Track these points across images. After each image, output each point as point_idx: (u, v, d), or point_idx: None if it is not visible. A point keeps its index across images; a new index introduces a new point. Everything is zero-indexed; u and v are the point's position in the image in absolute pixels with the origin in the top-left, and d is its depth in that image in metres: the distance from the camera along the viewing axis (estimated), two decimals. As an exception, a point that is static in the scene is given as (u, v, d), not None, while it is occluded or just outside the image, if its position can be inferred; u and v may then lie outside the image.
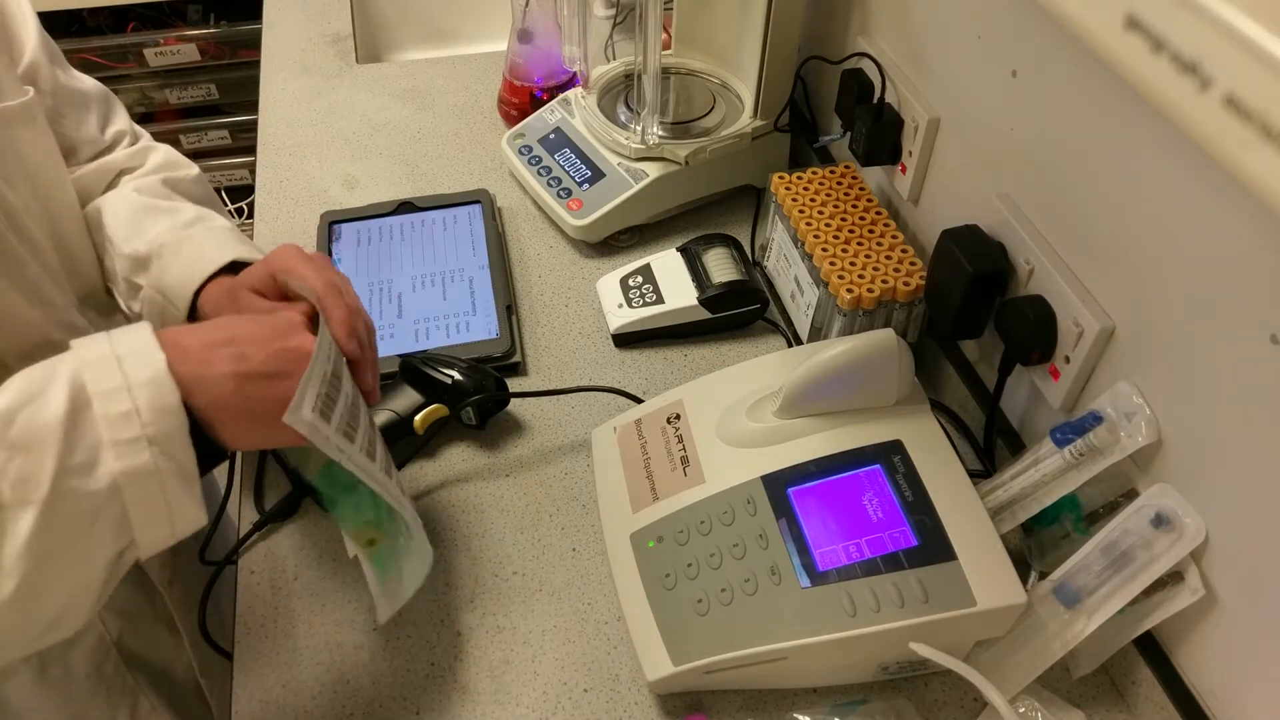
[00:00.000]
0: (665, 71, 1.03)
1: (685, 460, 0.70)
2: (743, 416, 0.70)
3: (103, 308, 0.75)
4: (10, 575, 0.45)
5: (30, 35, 0.70)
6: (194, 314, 0.68)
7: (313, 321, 0.59)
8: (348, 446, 0.55)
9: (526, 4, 1.05)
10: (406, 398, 0.78)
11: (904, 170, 0.85)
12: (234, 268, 0.68)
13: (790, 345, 0.90)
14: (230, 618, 0.71)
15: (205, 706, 0.85)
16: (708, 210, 1.04)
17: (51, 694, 0.69)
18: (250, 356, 0.53)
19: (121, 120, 0.79)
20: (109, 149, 0.77)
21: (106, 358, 0.49)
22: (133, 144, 0.79)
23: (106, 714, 0.75)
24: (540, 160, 1.01)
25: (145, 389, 0.48)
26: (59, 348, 0.64)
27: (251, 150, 1.62)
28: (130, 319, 0.75)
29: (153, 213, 0.72)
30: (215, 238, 0.70)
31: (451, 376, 0.78)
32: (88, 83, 0.77)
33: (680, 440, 0.71)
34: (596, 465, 0.76)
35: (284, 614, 0.70)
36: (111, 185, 0.77)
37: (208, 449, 0.52)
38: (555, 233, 1.01)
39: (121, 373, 0.48)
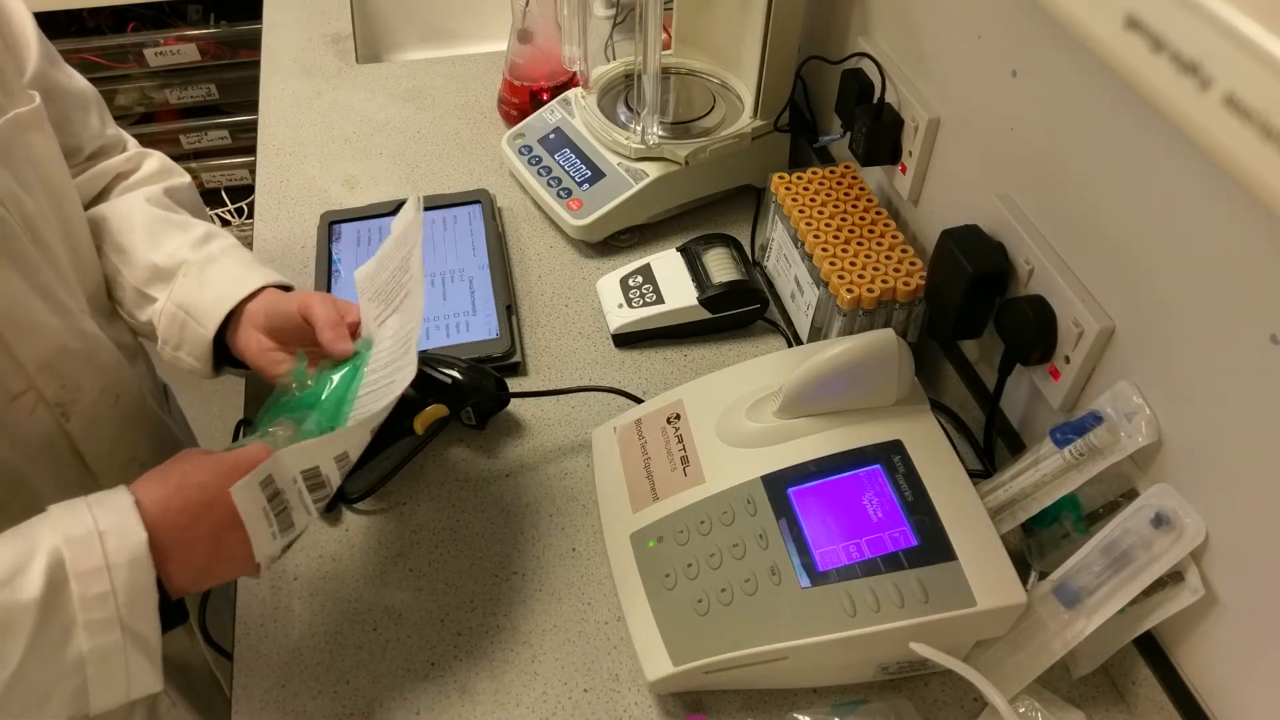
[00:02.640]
0: (665, 71, 1.03)
1: (685, 460, 0.70)
2: (743, 416, 0.70)
3: (106, 312, 0.76)
4: None
5: (33, 40, 0.71)
6: (222, 332, 0.71)
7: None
8: (315, 511, 0.58)
9: (526, 4, 1.05)
10: (406, 398, 0.78)
11: (904, 170, 0.85)
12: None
13: (790, 345, 0.90)
14: (230, 618, 0.71)
15: (224, 699, 0.85)
16: (708, 210, 1.04)
17: None
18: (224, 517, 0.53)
19: (112, 124, 0.81)
20: (105, 151, 0.78)
21: (89, 535, 0.49)
22: (123, 148, 0.81)
23: (124, 711, 0.75)
24: (540, 160, 1.01)
25: (124, 570, 0.49)
26: (75, 357, 0.66)
27: (251, 150, 1.62)
28: (132, 325, 0.77)
29: (166, 225, 0.75)
30: (238, 261, 0.74)
31: (451, 376, 0.78)
32: (81, 81, 0.78)
33: (680, 440, 0.71)
34: (596, 465, 0.76)
35: (284, 614, 0.70)
36: (107, 190, 0.78)
37: (166, 611, 0.52)
38: (555, 233, 1.01)
39: (103, 551, 0.49)
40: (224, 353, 0.73)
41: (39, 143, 0.67)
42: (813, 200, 0.86)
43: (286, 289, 0.74)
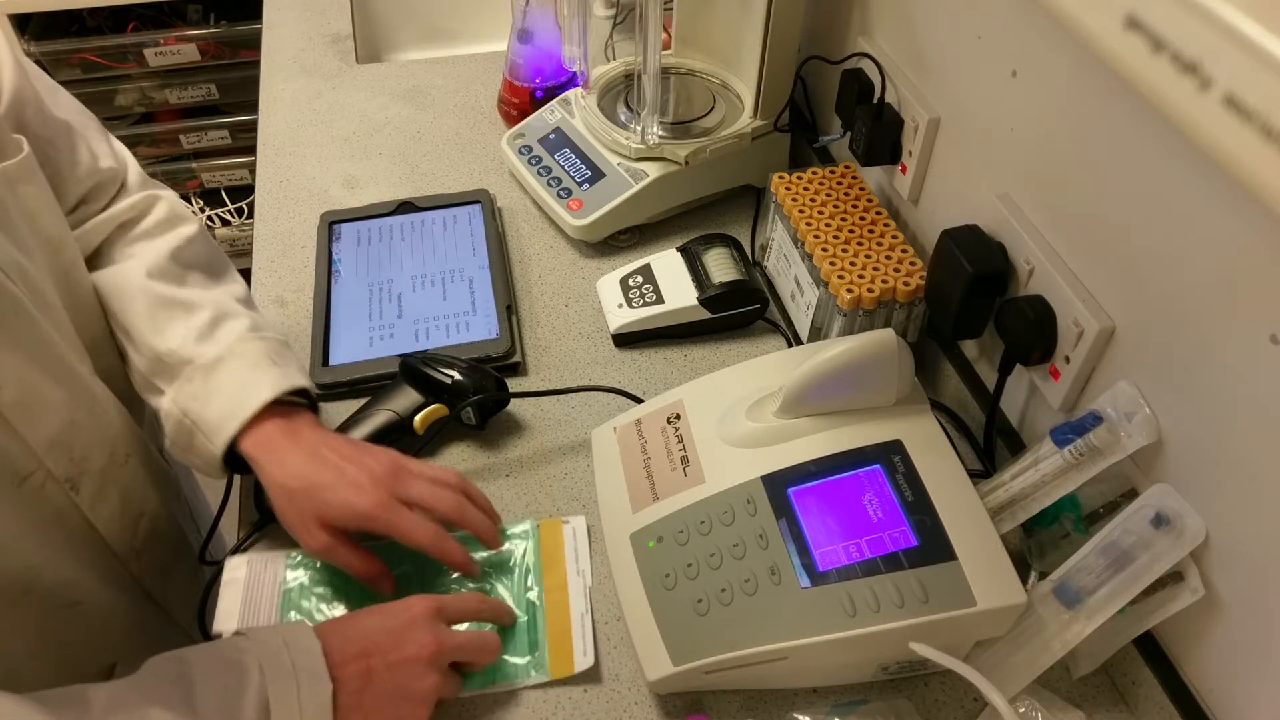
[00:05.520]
0: (665, 71, 1.03)
1: (685, 460, 0.70)
2: (743, 416, 0.70)
3: (107, 363, 0.72)
4: None
5: (6, 71, 0.65)
6: (233, 447, 0.67)
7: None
8: None
9: (526, 4, 1.05)
10: (406, 398, 0.78)
11: (904, 170, 0.85)
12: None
13: (790, 345, 0.90)
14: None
15: None
16: (708, 210, 1.04)
17: None
18: (399, 679, 0.60)
19: (106, 155, 0.74)
20: (102, 187, 0.73)
21: (290, 690, 0.55)
22: (122, 181, 0.75)
23: None
24: (540, 160, 1.01)
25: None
26: (83, 428, 0.65)
27: (251, 150, 1.62)
28: (149, 404, 0.72)
29: (170, 310, 0.70)
30: (246, 362, 0.69)
31: (451, 376, 0.78)
32: (71, 108, 0.72)
33: (680, 440, 0.71)
34: (596, 465, 0.76)
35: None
36: (109, 241, 0.73)
37: None
38: (555, 233, 1.01)
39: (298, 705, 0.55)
40: (237, 457, 0.69)
41: (31, 194, 0.63)
42: (813, 200, 0.86)
43: (302, 392, 0.71)
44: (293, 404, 0.71)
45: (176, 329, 0.70)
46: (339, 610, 0.69)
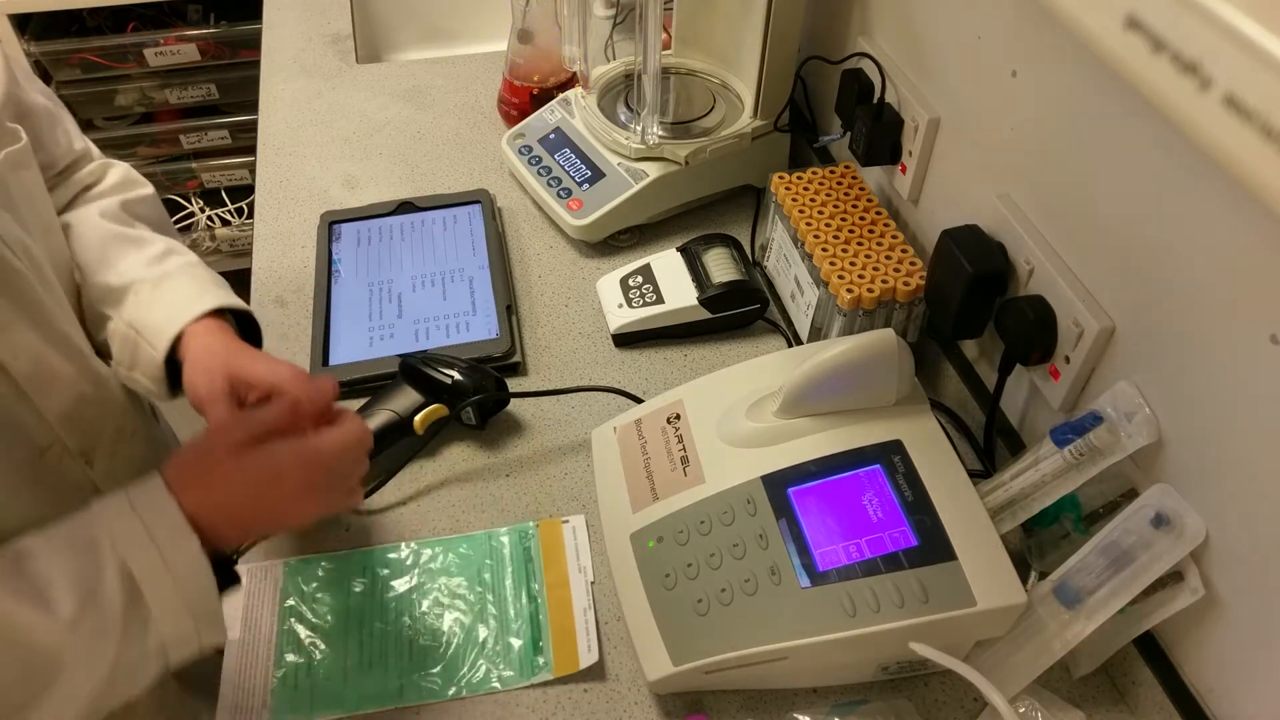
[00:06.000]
0: (665, 71, 1.03)
1: (685, 460, 0.70)
2: (743, 416, 0.70)
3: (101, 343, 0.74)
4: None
5: (0, 67, 0.68)
6: (173, 352, 0.68)
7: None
8: None
9: (526, 4, 1.05)
10: (406, 398, 0.78)
11: (904, 170, 0.85)
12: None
13: (790, 345, 0.90)
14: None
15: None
16: (708, 210, 1.04)
17: None
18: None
19: (78, 137, 0.78)
20: (75, 167, 0.76)
21: (147, 547, 0.53)
22: (90, 160, 0.78)
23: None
24: (540, 160, 1.01)
25: (182, 567, 0.54)
26: (91, 402, 0.66)
27: (251, 150, 1.62)
28: (95, 345, 0.73)
29: (120, 243, 0.73)
30: (193, 280, 0.72)
31: (451, 376, 0.78)
32: (44, 93, 0.75)
33: (680, 440, 0.71)
34: (596, 465, 0.76)
35: (284, 614, 0.70)
36: (70, 204, 0.76)
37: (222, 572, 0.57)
38: (555, 233, 1.01)
39: (161, 559, 0.54)
40: (179, 375, 0.70)
41: (30, 179, 0.66)
42: (813, 200, 0.86)
43: (244, 314, 0.73)
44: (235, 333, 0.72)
45: (127, 258, 0.72)
46: (337, 617, 0.69)
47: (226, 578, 0.57)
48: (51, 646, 0.50)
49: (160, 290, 0.71)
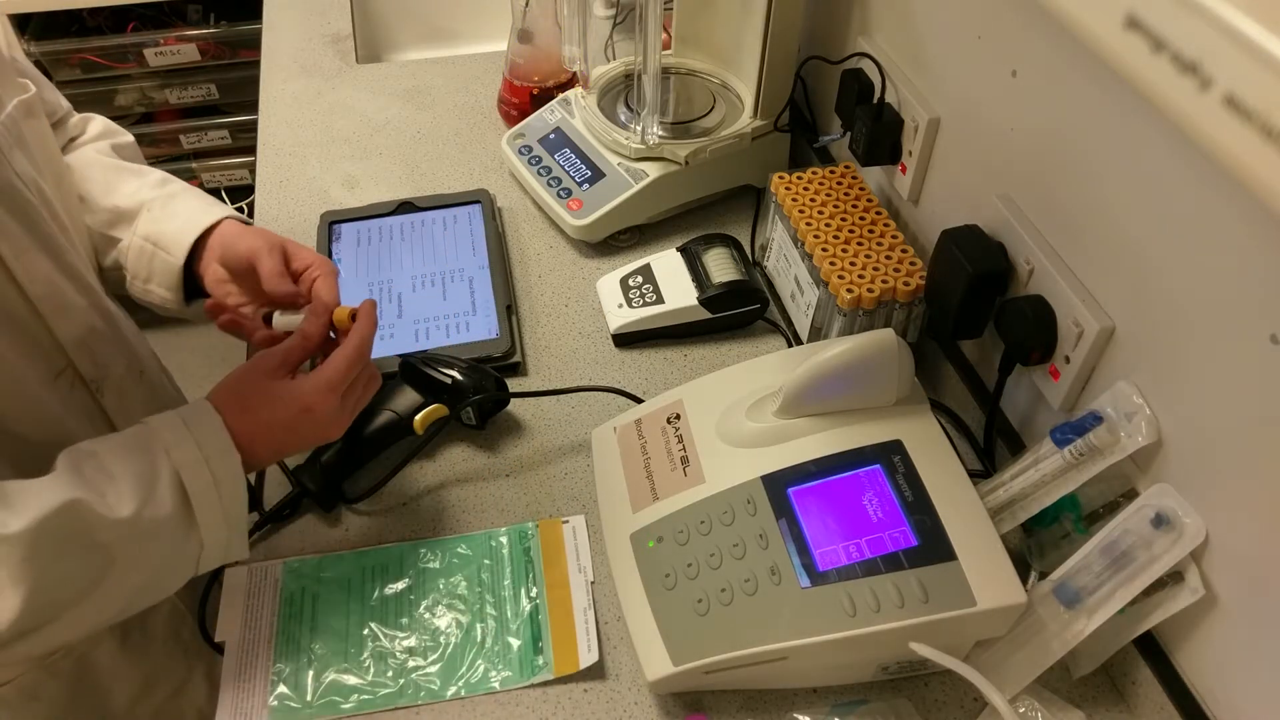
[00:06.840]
0: (665, 71, 1.03)
1: (685, 460, 0.70)
2: (743, 416, 0.70)
3: (115, 286, 0.79)
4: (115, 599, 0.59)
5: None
6: (191, 258, 0.74)
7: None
8: None
9: (526, 4, 1.05)
10: (406, 398, 0.78)
11: (904, 170, 0.85)
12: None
13: (790, 345, 0.90)
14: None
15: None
16: (708, 210, 1.04)
17: (132, 657, 0.74)
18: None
19: (61, 97, 0.83)
20: (62, 121, 0.81)
21: (198, 461, 0.60)
22: (71, 114, 0.84)
23: (184, 674, 0.79)
24: (540, 160, 1.01)
25: (227, 484, 0.61)
26: (103, 335, 0.71)
27: (251, 150, 1.62)
28: (101, 274, 0.79)
29: (122, 172, 0.79)
30: (200, 197, 0.78)
31: (451, 376, 0.78)
32: (26, 61, 0.82)
33: (680, 440, 0.71)
34: (596, 465, 0.76)
35: (284, 614, 0.70)
36: (64, 150, 0.80)
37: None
38: (555, 233, 1.01)
39: (210, 474, 0.60)
40: (194, 286, 0.76)
41: (39, 127, 0.70)
42: (813, 200, 0.86)
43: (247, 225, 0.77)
44: None
45: (131, 183, 0.78)
46: (336, 617, 0.69)
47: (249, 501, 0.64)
48: (108, 542, 0.55)
49: (173, 204, 0.76)
